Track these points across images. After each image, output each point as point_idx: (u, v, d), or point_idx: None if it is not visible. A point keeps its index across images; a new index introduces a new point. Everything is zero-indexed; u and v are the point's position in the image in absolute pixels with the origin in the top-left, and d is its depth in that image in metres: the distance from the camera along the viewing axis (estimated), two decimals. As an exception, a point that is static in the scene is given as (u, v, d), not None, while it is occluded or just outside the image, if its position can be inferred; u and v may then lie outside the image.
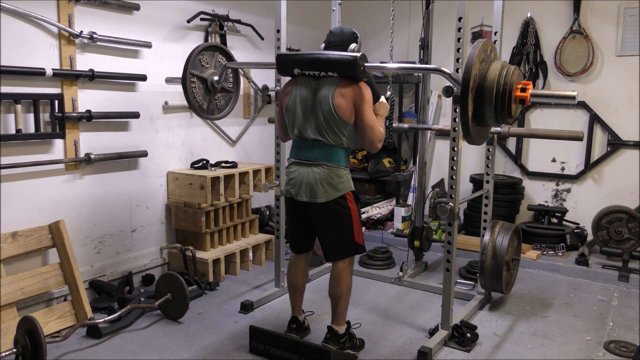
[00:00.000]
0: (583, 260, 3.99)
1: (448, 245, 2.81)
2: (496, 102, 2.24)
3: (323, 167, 2.54)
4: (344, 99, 2.49)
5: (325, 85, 2.53)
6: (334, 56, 2.50)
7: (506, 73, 2.24)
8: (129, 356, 2.68)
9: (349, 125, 2.53)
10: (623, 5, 4.29)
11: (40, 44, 2.96)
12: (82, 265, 3.21)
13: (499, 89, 2.23)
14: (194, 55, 3.09)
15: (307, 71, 2.58)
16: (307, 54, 2.62)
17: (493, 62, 2.31)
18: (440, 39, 4.76)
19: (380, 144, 2.62)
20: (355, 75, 2.48)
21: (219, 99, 3.34)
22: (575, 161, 4.62)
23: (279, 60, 2.71)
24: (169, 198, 3.82)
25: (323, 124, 2.52)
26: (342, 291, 2.64)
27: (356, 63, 2.44)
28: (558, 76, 4.60)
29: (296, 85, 2.64)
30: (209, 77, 3.20)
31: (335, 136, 2.53)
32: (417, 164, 4.21)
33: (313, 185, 2.54)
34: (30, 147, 2.97)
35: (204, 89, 3.21)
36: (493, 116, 2.29)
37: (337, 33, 2.69)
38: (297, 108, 2.60)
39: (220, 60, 3.29)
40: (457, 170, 2.72)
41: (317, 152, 2.56)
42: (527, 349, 2.83)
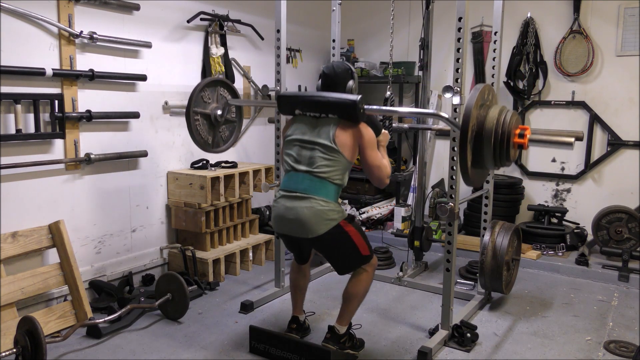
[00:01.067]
0: (583, 260, 3.99)
1: (448, 245, 2.81)
2: (495, 147, 2.28)
3: (312, 201, 2.46)
4: (345, 138, 2.50)
5: (325, 125, 2.53)
6: (334, 99, 2.50)
7: (504, 120, 2.26)
8: (129, 356, 2.68)
9: (346, 162, 2.52)
10: (623, 5, 4.29)
11: (40, 44, 2.96)
12: (82, 265, 3.21)
13: (497, 136, 2.27)
14: (195, 93, 3.10)
15: (307, 112, 2.59)
16: (307, 96, 2.63)
17: (491, 108, 2.32)
18: (440, 39, 4.76)
19: (388, 180, 2.63)
20: (356, 117, 2.49)
21: (223, 130, 3.35)
22: (575, 161, 4.62)
23: (280, 101, 2.72)
24: (169, 198, 3.82)
25: (319, 157, 2.50)
26: (359, 292, 2.63)
27: (356, 106, 2.44)
28: (558, 76, 4.60)
29: (297, 122, 2.65)
30: (212, 112, 3.21)
31: (329, 170, 2.49)
32: (417, 164, 4.21)
33: (303, 221, 2.46)
34: (30, 147, 2.97)
35: (207, 125, 3.22)
36: (492, 161, 2.33)
37: (331, 74, 2.65)
38: (295, 142, 2.60)
39: (222, 93, 3.29)
40: (457, 170, 2.72)
41: (306, 184, 2.49)
42: (527, 349, 2.83)
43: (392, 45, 3.43)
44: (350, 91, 2.63)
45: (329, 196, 2.50)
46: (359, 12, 5.47)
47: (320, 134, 2.52)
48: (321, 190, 2.48)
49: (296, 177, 2.54)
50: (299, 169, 2.54)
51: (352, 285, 2.63)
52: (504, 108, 2.33)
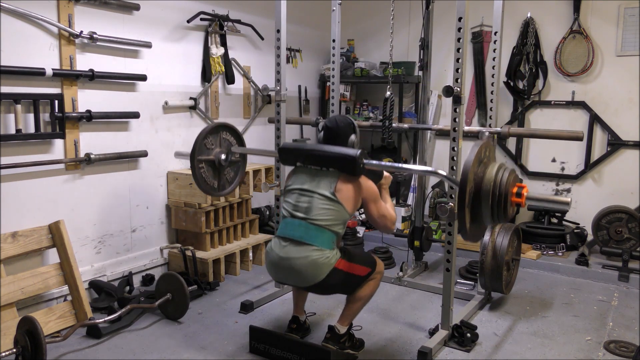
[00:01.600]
0: (583, 260, 3.99)
1: (448, 245, 2.81)
2: (492, 205, 2.34)
3: (307, 250, 2.45)
4: (346, 191, 2.51)
5: (326, 176, 2.55)
6: (334, 154, 2.53)
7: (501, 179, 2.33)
8: (129, 356, 2.68)
9: (346, 213, 2.52)
10: (623, 5, 4.29)
11: (40, 44, 2.96)
12: (82, 265, 3.21)
13: (495, 194, 2.32)
14: (198, 142, 3.10)
15: (308, 165, 2.62)
16: (307, 150, 2.64)
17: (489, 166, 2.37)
18: (440, 39, 4.76)
19: (394, 226, 2.66)
20: (355, 172, 2.51)
21: (228, 172, 3.36)
22: (575, 161, 4.62)
23: (282, 153, 2.75)
24: (169, 198, 3.82)
25: (317, 205, 2.50)
26: (365, 297, 2.64)
27: (356, 161, 2.46)
28: (558, 76, 4.60)
29: (297, 173, 2.67)
30: (216, 157, 3.21)
31: (326, 219, 2.49)
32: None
33: (298, 272, 2.47)
34: (30, 147, 2.97)
35: (212, 170, 3.23)
36: (490, 218, 2.39)
37: (334, 128, 2.68)
38: (294, 190, 2.61)
39: (225, 136, 3.29)
40: (457, 170, 2.72)
41: (302, 231, 2.49)
42: (527, 349, 2.83)
43: (392, 45, 3.43)
44: (352, 145, 2.67)
45: (325, 244, 2.48)
46: (359, 12, 5.47)
47: (320, 184, 2.54)
48: (317, 238, 2.47)
49: (292, 223, 2.55)
50: (296, 215, 2.54)
51: (359, 289, 2.64)
52: (502, 166, 2.39)
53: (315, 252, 2.45)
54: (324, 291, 2.63)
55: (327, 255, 2.46)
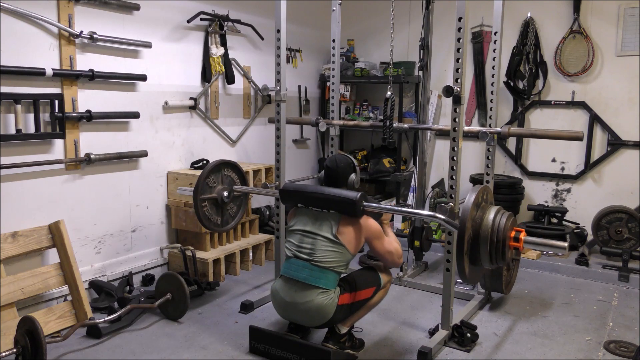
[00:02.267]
0: (583, 260, 3.99)
1: (448, 245, 2.81)
2: (491, 250, 2.38)
3: (312, 294, 2.50)
4: (348, 233, 2.54)
5: (327, 219, 2.58)
6: (334, 197, 2.56)
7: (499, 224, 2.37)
8: (129, 356, 2.68)
9: (349, 254, 2.55)
10: (623, 5, 4.29)
11: (40, 44, 2.96)
12: (82, 265, 3.21)
13: (492, 240, 2.36)
14: (201, 182, 3.12)
15: (309, 206, 2.65)
16: (309, 192, 2.68)
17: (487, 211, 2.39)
18: (440, 39, 4.76)
19: (401, 260, 2.71)
20: (355, 214, 2.54)
21: (231, 207, 3.37)
22: (575, 161, 4.62)
23: (283, 195, 2.78)
24: (169, 198, 3.82)
25: (320, 248, 2.53)
26: (371, 304, 2.68)
27: (355, 204, 2.50)
28: (558, 76, 4.60)
29: (299, 215, 2.70)
30: (218, 194, 3.22)
31: (330, 260, 2.52)
32: (417, 164, 4.21)
33: (305, 316, 2.55)
34: (30, 147, 2.97)
35: (215, 207, 3.25)
36: (488, 260, 2.43)
37: (334, 168, 2.75)
38: (297, 231, 2.64)
39: (226, 172, 3.30)
40: (457, 170, 2.72)
41: (306, 273, 2.53)
42: (527, 349, 2.83)
43: (392, 45, 3.42)
44: (352, 185, 2.73)
45: (329, 285, 2.52)
46: (359, 12, 5.47)
47: (322, 227, 2.57)
48: (321, 280, 2.51)
49: (296, 264, 2.58)
50: (300, 257, 2.57)
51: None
52: (499, 210, 2.41)
53: (320, 295, 2.49)
54: (334, 324, 2.64)
55: (331, 296, 2.51)
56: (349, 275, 2.68)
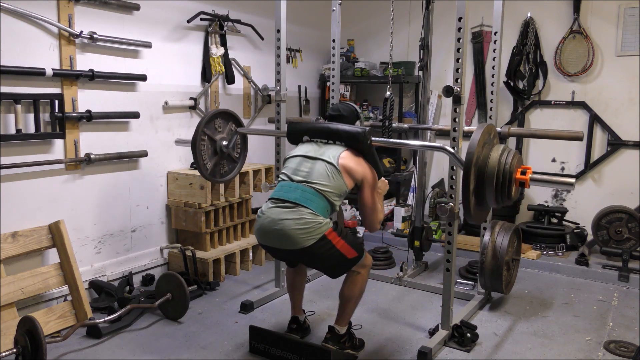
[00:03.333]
0: (583, 260, 3.99)
1: (448, 245, 2.81)
2: (497, 184, 2.34)
3: (299, 212, 2.39)
4: (348, 165, 2.52)
5: (331, 148, 2.58)
6: (344, 128, 2.60)
7: (506, 158, 2.34)
8: (129, 356, 2.68)
9: (344, 185, 2.51)
10: (623, 5, 4.29)
11: (40, 44, 2.96)
12: (82, 265, 3.21)
13: (499, 173, 2.33)
14: (212, 114, 3.18)
15: (315, 139, 2.65)
16: (317, 124, 2.71)
17: (494, 146, 2.37)
18: (440, 39, 4.76)
19: (379, 225, 2.69)
20: (362, 147, 2.54)
21: (224, 164, 3.37)
22: (575, 161, 4.62)
23: (290, 129, 2.78)
24: (169, 198, 3.82)
25: (319, 171, 2.49)
26: (354, 294, 2.64)
27: (364, 136, 2.51)
28: (558, 76, 4.60)
29: (303, 145, 2.70)
30: (218, 141, 3.24)
31: (325, 184, 2.47)
32: (417, 164, 4.21)
33: (288, 234, 2.39)
34: (30, 147, 2.97)
35: (211, 151, 3.25)
36: (493, 198, 2.39)
37: (337, 115, 2.75)
38: (297, 157, 2.63)
39: (233, 129, 3.33)
40: (457, 170, 2.72)
41: (298, 193, 2.45)
42: (527, 349, 2.83)
43: (392, 45, 3.43)
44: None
45: (319, 210, 2.43)
46: (359, 12, 5.47)
47: (325, 153, 2.56)
48: (312, 202, 2.43)
49: (289, 186, 2.52)
50: (294, 179, 2.53)
51: (347, 288, 2.63)
52: (506, 148, 2.38)
53: (309, 215, 2.38)
54: (309, 260, 2.54)
55: (319, 221, 2.39)
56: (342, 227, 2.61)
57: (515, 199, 2.51)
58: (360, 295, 2.67)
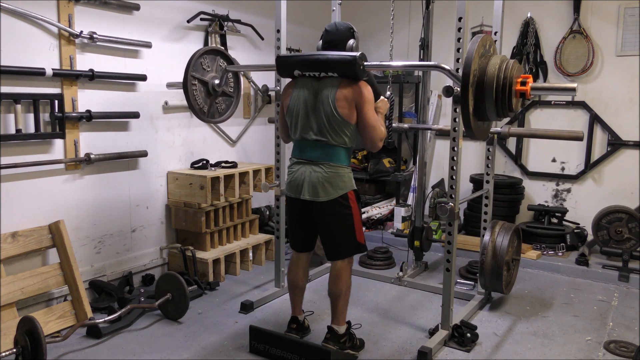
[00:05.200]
0: (583, 260, 3.99)
1: (448, 245, 2.81)
2: (497, 96, 2.24)
3: (325, 167, 2.56)
4: (346, 99, 2.50)
5: (326, 87, 2.54)
6: (333, 57, 2.50)
7: (505, 67, 2.24)
8: (129, 356, 2.68)
9: (350, 125, 2.54)
10: (623, 5, 4.29)
11: (40, 44, 2.96)
12: (82, 265, 3.21)
13: (499, 83, 2.23)
14: (195, 58, 3.11)
15: (307, 72, 2.58)
16: (306, 55, 2.62)
17: (492, 57, 2.31)
18: (440, 39, 4.75)
19: (381, 143, 2.63)
20: (356, 74, 2.49)
21: (220, 102, 3.35)
22: (575, 161, 4.62)
23: (279, 62, 2.72)
24: (169, 198, 3.82)
25: (325, 124, 2.53)
26: (341, 290, 2.64)
27: (356, 63, 2.45)
28: (558, 76, 4.60)
29: (297, 87, 2.64)
30: (209, 80, 3.22)
31: (337, 136, 2.54)
32: (417, 164, 4.21)
33: (315, 183, 2.56)
34: (30, 147, 2.97)
35: (205, 93, 3.22)
36: (494, 110, 2.29)
37: (333, 31, 2.65)
38: (298, 109, 2.61)
39: (222, 64, 3.31)
40: (457, 170, 2.72)
41: (319, 152, 2.57)
42: (527, 349, 2.83)
43: (392, 45, 3.43)
44: (351, 49, 2.62)
45: (342, 160, 2.58)
46: (359, 12, 5.47)
47: (322, 98, 2.53)
48: (334, 157, 2.56)
49: (307, 144, 2.61)
50: (308, 138, 2.59)
51: (333, 285, 2.65)
52: (505, 58, 2.31)
53: (335, 168, 2.56)
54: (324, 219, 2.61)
55: (345, 172, 2.58)
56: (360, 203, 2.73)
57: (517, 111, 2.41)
58: (348, 290, 2.67)
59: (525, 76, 2.29)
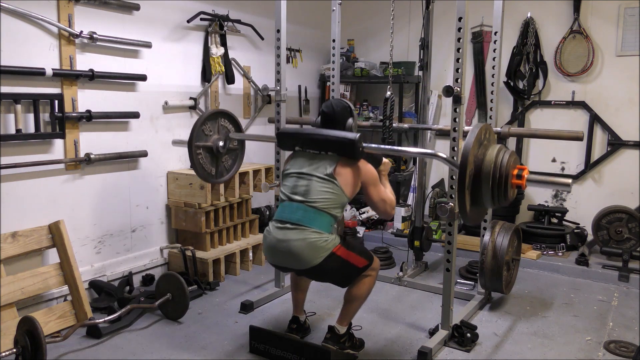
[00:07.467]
0: (583, 260, 3.99)
1: (448, 245, 2.81)
2: (493, 186, 2.29)
3: (305, 233, 2.42)
4: (345, 175, 2.50)
5: (324, 160, 2.54)
6: (333, 137, 2.52)
7: (502, 160, 2.29)
8: (129, 356, 2.68)
9: (344, 196, 2.51)
10: (623, 5, 4.29)
11: (40, 44, 2.96)
12: (82, 265, 3.21)
13: (495, 175, 2.29)
14: (197, 128, 3.12)
15: (307, 149, 2.61)
16: (306, 133, 2.64)
17: (490, 147, 2.35)
18: (440, 39, 4.76)
19: (394, 211, 2.65)
20: (355, 155, 2.50)
21: (226, 160, 3.37)
22: (575, 161, 4.62)
23: (280, 137, 2.75)
24: (169, 198, 3.82)
25: (316, 188, 2.48)
26: (361, 295, 2.63)
27: (354, 145, 2.45)
28: (558, 76, 4.60)
29: (296, 157, 2.66)
30: (214, 144, 3.22)
31: (324, 200, 2.47)
32: (417, 164, 4.21)
33: (296, 254, 2.42)
34: (30, 147, 2.97)
35: (210, 157, 3.24)
36: (490, 200, 2.36)
37: (330, 112, 2.66)
38: (292, 174, 2.60)
39: (223, 123, 3.30)
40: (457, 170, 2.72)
41: (300, 214, 2.46)
42: (527, 349, 2.83)
43: (392, 45, 3.43)
44: (350, 129, 2.65)
45: (323, 227, 2.46)
46: (359, 12, 5.47)
47: (319, 167, 2.52)
48: (315, 221, 2.45)
49: (290, 207, 2.52)
50: (294, 199, 2.52)
51: (355, 288, 2.62)
52: (502, 148, 2.36)
53: (314, 234, 2.41)
54: (320, 276, 2.58)
55: (325, 238, 2.43)
56: (348, 239, 2.65)
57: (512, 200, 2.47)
58: (366, 297, 2.67)
59: (521, 167, 2.34)
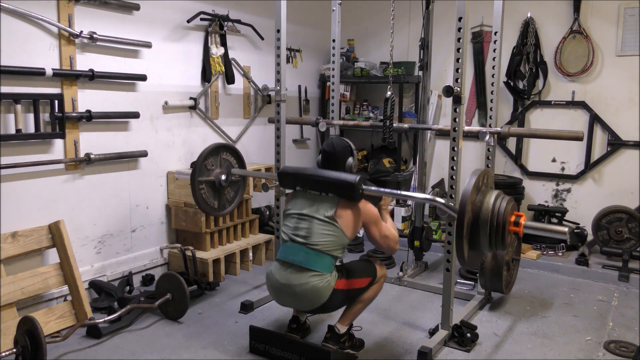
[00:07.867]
0: (583, 260, 3.99)
1: (448, 245, 2.81)
2: (490, 232, 2.34)
3: (307, 276, 2.47)
4: (346, 216, 2.52)
5: (325, 201, 2.56)
6: (333, 179, 2.53)
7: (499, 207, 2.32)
8: (129, 356, 2.68)
9: (345, 238, 2.53)
10: (623, 5, 4.29)
11: (40, 44, 2.96)
12: (82, 265, 3.21)
13: (493, 222, 2.32)
14: (199, 164, 3.14)
15: (308, 189, 2.62)
16: (307, 174, 2.65)
17: (488, 193, 2.37)
18: (440, 39, 4.76)
19: (397, 245, 2.67)
20: (354, 198, 2.52)
21: (228, 192, 3.38)
22: (575, 161, 4.62)
23: (281, 177, 2.76)
24: (169, 198, 3.82)
25: (317, 231, 2.51)
26: (367, 299, 2.66)
27: (354, 188, 2.47)
28: (558, 76, 4.60)
29: (297, 198, 2.68)
30: (216, 178, 3.24)
31: (326, 243, 2.50)
32: (417, 164, 4.21)
33: (300, 298, 2.51)
34: (30, 147, 2.97)
35: (212, 191, 3.26)
36: (487, 245, 2.40)
37: (331, 152, 2.69)
38: (294, 215, 2.62)
39: (225, 156, 3.31)
40: (457, 170, 2.72)
41: (302, 256, 2.50)
42: (527, 349, 2.83)
43: (392, 45, 3.42)
44: (350, 169, 2.68)
45: (324, 268, 2.49)
46: (359, 12, 5.47)
47: (320, 209, 2.54)
48: (317, 263, 2.48)
49: (292, 248, 2.55)
50: (296, 240, 2.55)
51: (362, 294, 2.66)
52: (500, 194, 2.38)
53: (315, 277, 2.46)
54: (327, 311, 2.65)
55: (327, 279, 2.48)
56: (346, 264, 2.67)
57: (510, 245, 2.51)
58: (371, 301, 2.71)
59: (518, 214, 2.37)
